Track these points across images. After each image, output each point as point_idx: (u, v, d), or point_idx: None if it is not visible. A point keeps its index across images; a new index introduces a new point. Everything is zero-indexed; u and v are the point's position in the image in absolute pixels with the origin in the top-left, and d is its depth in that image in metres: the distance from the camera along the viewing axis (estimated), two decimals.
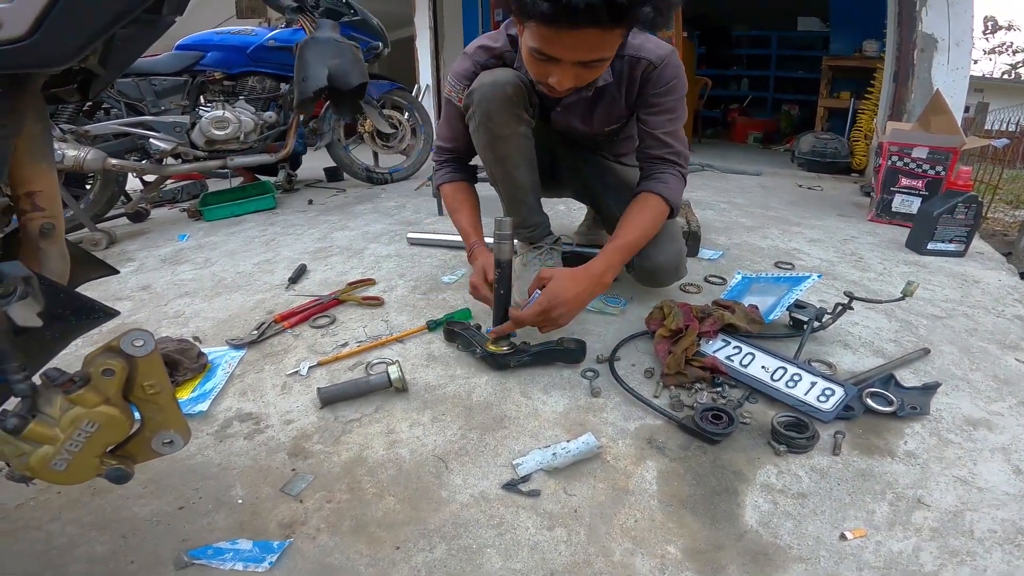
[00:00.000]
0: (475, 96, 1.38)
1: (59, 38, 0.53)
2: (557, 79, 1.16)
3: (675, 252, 1.52)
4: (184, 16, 0.69)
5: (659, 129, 1.41)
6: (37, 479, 0.63)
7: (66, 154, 2.33)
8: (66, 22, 0.52)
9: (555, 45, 1.10)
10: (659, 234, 1.44)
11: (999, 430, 1.09)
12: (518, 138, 1.43)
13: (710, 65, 7.26)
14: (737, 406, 1.13)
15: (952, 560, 0.81)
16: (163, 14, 0.64)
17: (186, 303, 1.74)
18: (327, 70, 2.44)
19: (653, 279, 1.57)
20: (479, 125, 1.41)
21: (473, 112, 1.40)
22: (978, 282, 1.87)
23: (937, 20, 3.24)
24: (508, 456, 1.03)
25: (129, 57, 0.72)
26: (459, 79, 1.46)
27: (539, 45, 1.11)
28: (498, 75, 1.37)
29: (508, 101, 1.36)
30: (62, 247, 0.72)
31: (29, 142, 0.65)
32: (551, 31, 1.06)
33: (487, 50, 1.45)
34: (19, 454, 0.61)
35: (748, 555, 0.82)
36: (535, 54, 1.14)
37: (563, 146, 1.67)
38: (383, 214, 2.80)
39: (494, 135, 1.41)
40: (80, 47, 0.55)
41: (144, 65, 2.74)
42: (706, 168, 4.35)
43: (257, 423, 1.15)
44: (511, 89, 1.35)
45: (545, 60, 1.14)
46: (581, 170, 1.72)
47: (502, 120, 1.38)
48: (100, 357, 0.62)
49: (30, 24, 0.50)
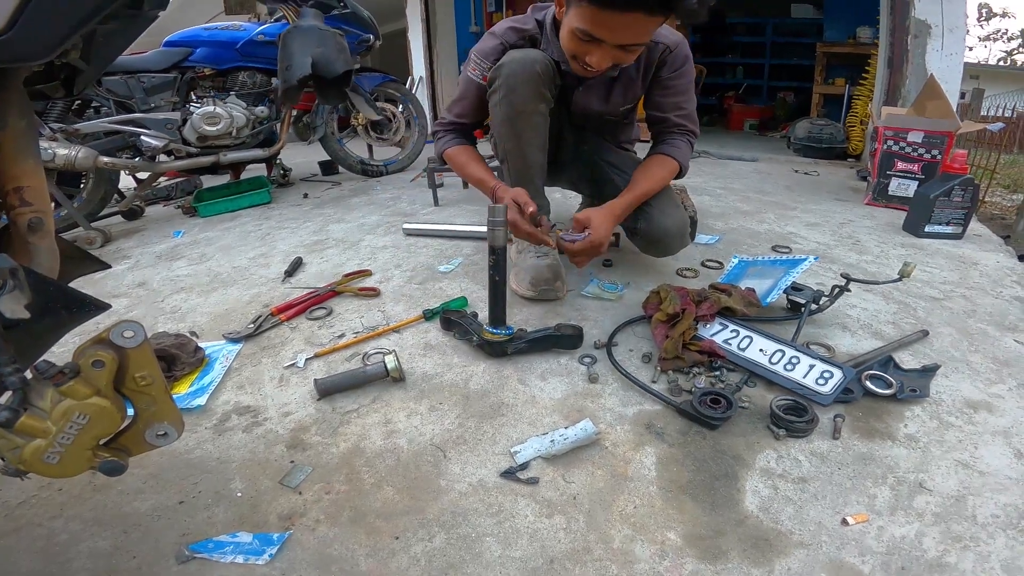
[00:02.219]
0: (503, 70, 1.41)
1: (36, 32, 0.52)
2: (596, 59, 1.26)
3: (680, 217, 1.56)
4: (172, 13, 0.69)
5: (673, 109, 1.54)
6: (31, 472, 0.63)
7: (57, 153, 2.31)
8: (43, 16, 0.52)
9: (601, 27, 1.20)
10: (663, 199, 1.53)
11: (1000, 413, 1.09)
12: (538, 116, 1.46)
13: (705, 53, 7.23)
14: (735, 390, 1.13)
15: (955, 545, 0.81)
16: (144, 9, 0.64)
17: (182, 298, 1.74)
18: (311, 58, 2.42)
19: (660, 245, 1.58)
20: (503, 99, 1.43)
21: (499, 86, 1.43)
22: (976, 264, 1.86)
23: (930, 6, 3.24)
24: (506, 444, 1.03)
25: (112, 52, 0.73)
26: (485, 57, 1.52)
27: (586, 26, 1.21)
28: (529, 53, 1.42)
29: (535, 78, 1.40)
30: (51, 243, 0.72)
31: (14, 138, 0.64)
32: (601, 13, 1.16)
33: (517, 31, 1.51)
34: (12, 447, 0.60)
35: (749, 540, 0.82)
36: (580, 34, 1.23)
37: (570, 129, 1.70)
38: (379, 206, 2.79)
39: (516, 110, 1.43)
40: (58, 41, 0.55)
41: (132, 62, 2.71)
42: (702, 155, 4.34)
43: (255, 416, 1.14)
44: (539, 67, 1.40)
45: (588, 41, 1.23)
46: (585, 151, 1.75)
47: (527, 95, 1.41)
48: (90, 349, 0.62)
49: (7, 19, 0.50)
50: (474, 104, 1.58)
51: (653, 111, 1.58)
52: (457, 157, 1.62)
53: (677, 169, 1.54)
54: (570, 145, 1.73)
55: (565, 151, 1.74)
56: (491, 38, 1.53)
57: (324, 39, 2.47)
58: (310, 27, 2.48)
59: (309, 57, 2.42)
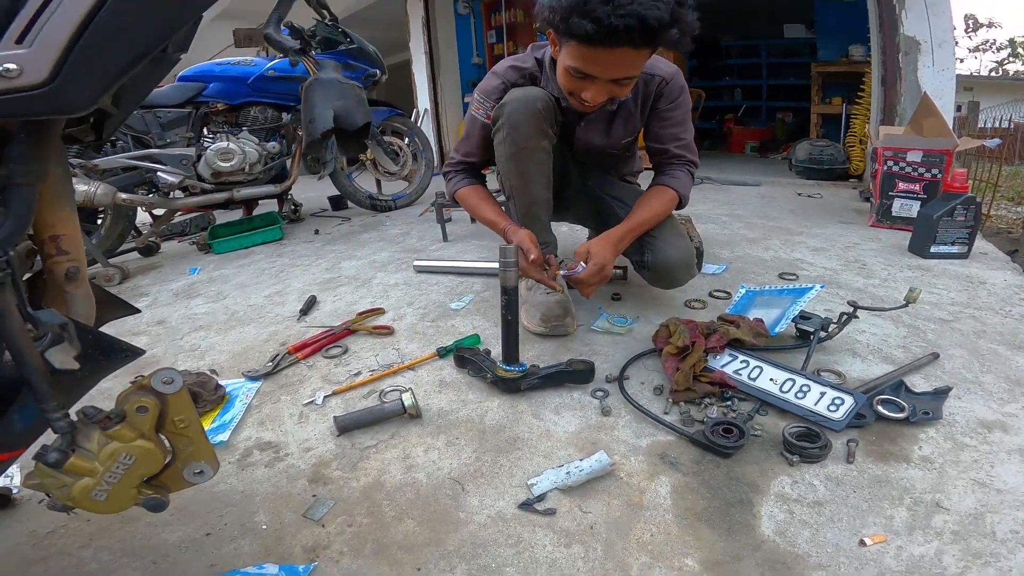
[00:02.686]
0: (506, 108, 1.46)
1: (78, 83, 0.53)
2: (592, 95, 1.31)
3: (686, 248, 1.58)
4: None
5: (672, 140, 1.58)
6: (78, 509, 0.66)
7: (76, 189, 2.36)
8: (84, 67, 0.53)
9: (592, 64, 1.25)
10: (668, 230, 1.56)
11: (1014, 431, 1.09)
12: (541, 152, 1.50)
13: (702, 77, 7.35)
14: (747, 419, 1.14)
15: (976, 562, 0.81)
16: (169, 52, 0.66)
17: (201, 336, 1.77)
18: (332, 111, 2.47)
19: (667, 278, 1.60)
20: (506, 136, 1.48)
21: (502, 124, 1.47)
22: (984, 283, 1.87)
23: (917, 22, 3.28)
24: (522, 477, 1.04)
25: (139, 95, 0.75)
26: (488, 96, 1.56)
27: (578, 64, 1.27)
28: (529, 91, 1.46)
29: (537, 115, 1.44)
30: (87, 289, 0.75)
31: (52, 186, 0.67)
32: (590, 51, 1.22)
33: (517, 70, 1.56)
34: (60, 486, 0.64)
35: (766, 564, 0.83)
36: (573, 72, 1.29)
37: (574, 165, 1.74)
38: (389, 242, 2.83)
39: (519, 147, 1.47)
40: (100, 91, 0.56)
41: (149, 97, 2.76)
42: (705, 181, 4.37)
43: (277, 451, 1.17)
44: (540, 104, 1.44)
45: (582, 77, 1.29)
46: (589, 186, 1.79)
47: (529, 133, 1.46)
48: (134, 395, 0.66)
49: (49, 70, 0.51)
50: (480, 143, 1.63)
51: (652, 143, 1.61)
52: (468, 198, 1.66)
53: (677, 199, 1.57)
54: (575, 181, 1.77)
55: (570, 187, 1.77)
56: (493, 77, 1.58)
57: (344, 92, 2.51)
58: (330, 80, 2.52)
59: (331, 110, 2.46)
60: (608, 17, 1.12)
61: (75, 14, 0.50)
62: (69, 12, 0.50)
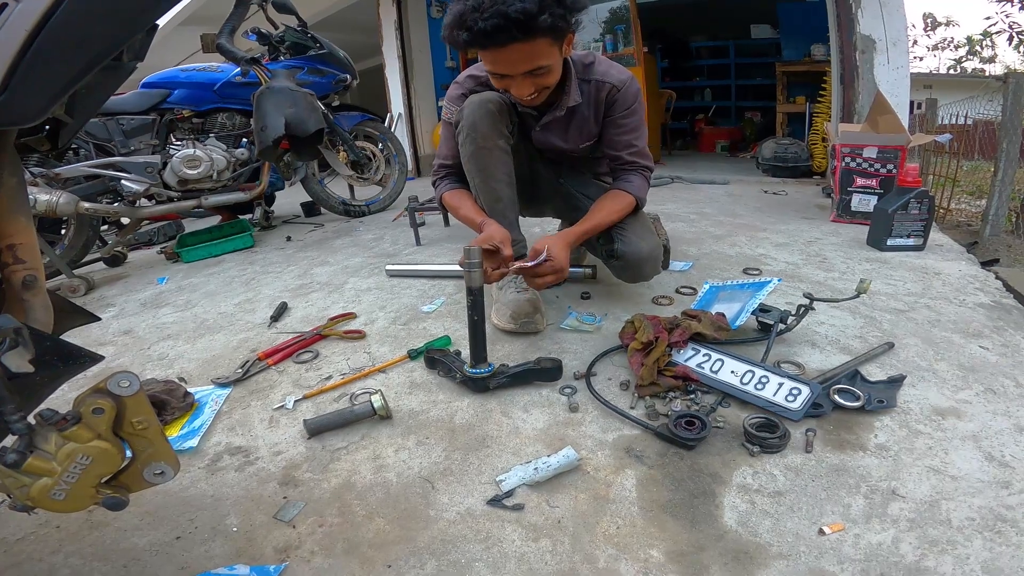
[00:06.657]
0: (465, 112, 1.56)
1: (29, 94, 0.54)
2: (516, 89, 1.41)
3: (654, 243, 1.64)
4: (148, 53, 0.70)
5: (626, 147, 1.65)
6: (39, 508, 0.67)
7: (38, 199, 2.32)
8: (34, 77, 0.53)
9: (497, 64, 1.36)
10: (638, 226, 1.63)
11: (968, 418, 1.13)
12: (499, 151, 1.58)
13: (673, 78, 7.46)
14: (710, 411, 1.17)
15: (933, 549, 0.83)
16: (124, 61, 0.67)
17: (169, 345, 1.76)
18: (283, 119, 2.44)
19: (634, 268, 1.64)
20: (466, 137, 1.56)
21: (463, 126, 1.56)
22: (939, 274, 1.93)
23: (872, 21, 3.38)
24: (492, 473, 1.06)
25: (94, 104, 0.75)
26: (453, 102, 1.67)
27: (488, 67, 1.39)
28: (484, 95, 1.56)
29: (491, 115, 1.54)
30: (45, 298, 0.75)
31: (7, 196, 0.67)
32: (487, 53, 1.33)
33: (474, 78, 1.65)
34: (20, 486, 0.65)
35: (729, 555, 0.85)
36: (491, 74, 1.41)
37: (543, 163, 1.80)
38: (361, 247, 2.81)
39: (478, 146, 1.56)
40: (50, 101, 0.56)
41: (111, 104, 2.73)
42: (675, 180, 4.43)
43: (247, 456, 1.17)
44: (494, 106, 1.54)
45: (499, 77, 1.40)
46: (563, 184, 1.84)
47: (485, 132, 1.54)
48: (90, 398, 0.67)
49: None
50: (455, 145, 1.67)
51: (608, 149, 1.67)
52: (450, 200, 1.71)
53: (633, 202, 1.63)
54: (549, 178, 1.82)
55: (545, 185, 1.83)
56: (455, 86, 1.68)
57: (295, 100, 2.48)
58: (281, 88, 2.48)
59: (282, 118, 2.44)
60: (476, 23, 1.22)
61: (24, 25, 0.50)
62: (18, 23, 0.50)
